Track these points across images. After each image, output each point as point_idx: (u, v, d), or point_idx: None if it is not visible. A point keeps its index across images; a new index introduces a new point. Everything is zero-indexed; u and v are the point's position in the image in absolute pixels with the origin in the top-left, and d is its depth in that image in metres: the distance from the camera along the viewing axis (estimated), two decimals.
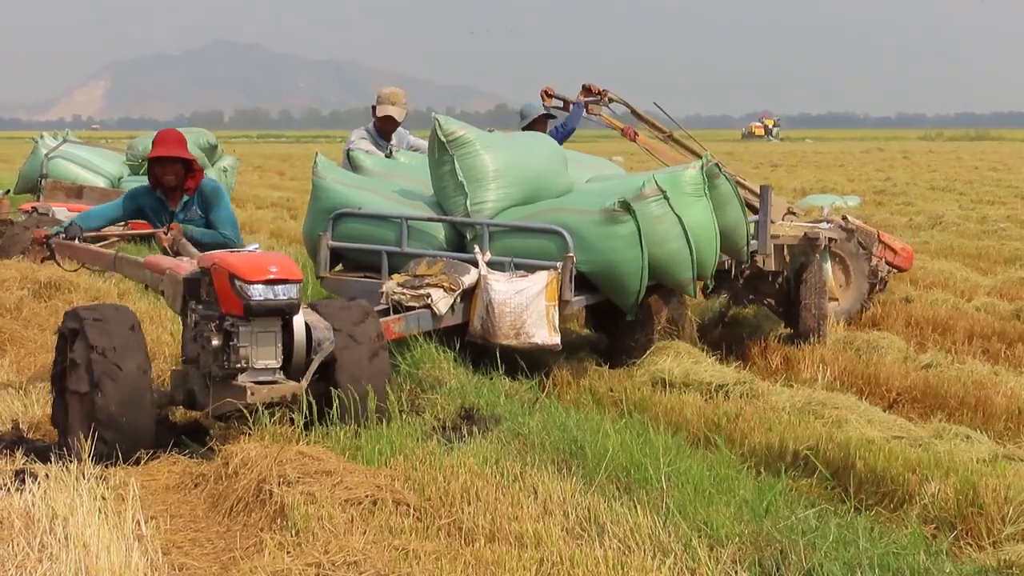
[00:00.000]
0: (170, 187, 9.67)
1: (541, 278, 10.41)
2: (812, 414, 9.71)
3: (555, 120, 14.41)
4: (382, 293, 10.38)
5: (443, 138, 11.09)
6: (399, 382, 9.45)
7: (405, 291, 10.31)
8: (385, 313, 10.05)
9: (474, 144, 11.15)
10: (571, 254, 10.48)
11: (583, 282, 10.68)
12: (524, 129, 13.78)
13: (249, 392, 7.92)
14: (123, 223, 20.08)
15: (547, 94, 14.69)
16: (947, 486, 7.50)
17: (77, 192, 21.31)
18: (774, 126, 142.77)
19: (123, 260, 9.62)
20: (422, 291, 10.28)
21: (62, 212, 18.85)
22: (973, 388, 10.72)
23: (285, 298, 7.96)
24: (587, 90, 14.84)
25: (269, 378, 8.06)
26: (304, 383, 8.07)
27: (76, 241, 9.70)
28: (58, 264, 10.11)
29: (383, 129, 13.03)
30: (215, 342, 8.08)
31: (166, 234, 9.52)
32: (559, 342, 10.54)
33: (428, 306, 10.23)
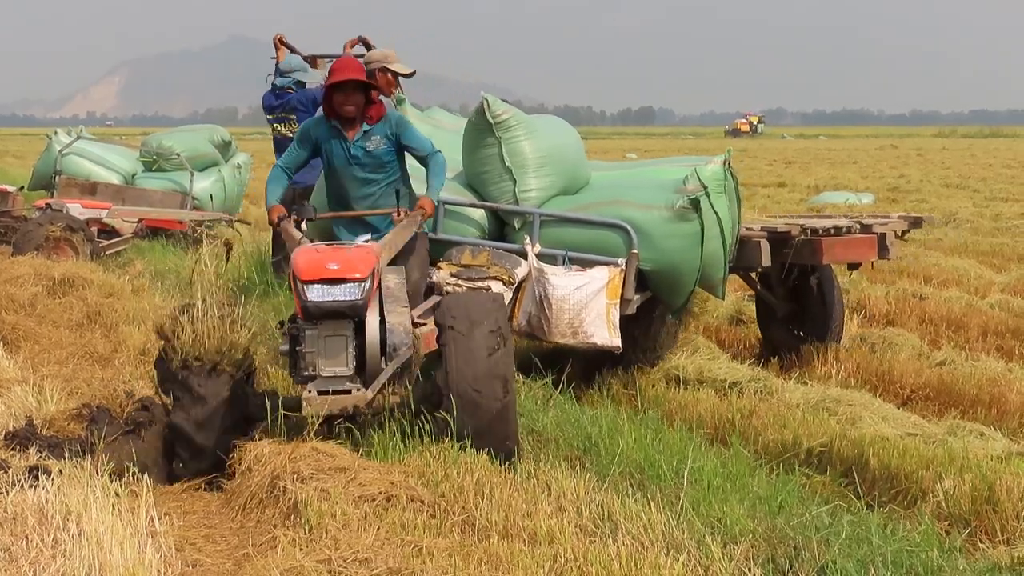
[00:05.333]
0: (349, 117, 9.16)
1: (602, 274, 9.96)
2: (826, 411, 9.69)
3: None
4: (434, 283, 9.80)
5: (491, 120, 10.67)
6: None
7: (460, 282, 9.72)
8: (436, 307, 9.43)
9: (521, 128, 10.77)
10: (636, 251, 10.10)
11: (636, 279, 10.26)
12: (283, 78, 13.71)
13: (304, 403, 7.32)
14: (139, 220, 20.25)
15: (281, 42, 14.48)
16: (961, 483, 7.49)
17: (91, 189, 21.35)
18: (759, 122, 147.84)
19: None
20: (481, 283, 9.71)
21: (76, 208, 18.96)
22: (987, 385, 10.70)
23: (345, 299, 7.38)
24: (363, 43, 14.51)
25: (339, 387, 7.41)
26: (371, 394, 7.38)
27: (303, 224, 8.98)
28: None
29: None
30: (283, 347, 7.62)
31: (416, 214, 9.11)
32: (620, 343, 10.05)
33: None
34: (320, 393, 7.35)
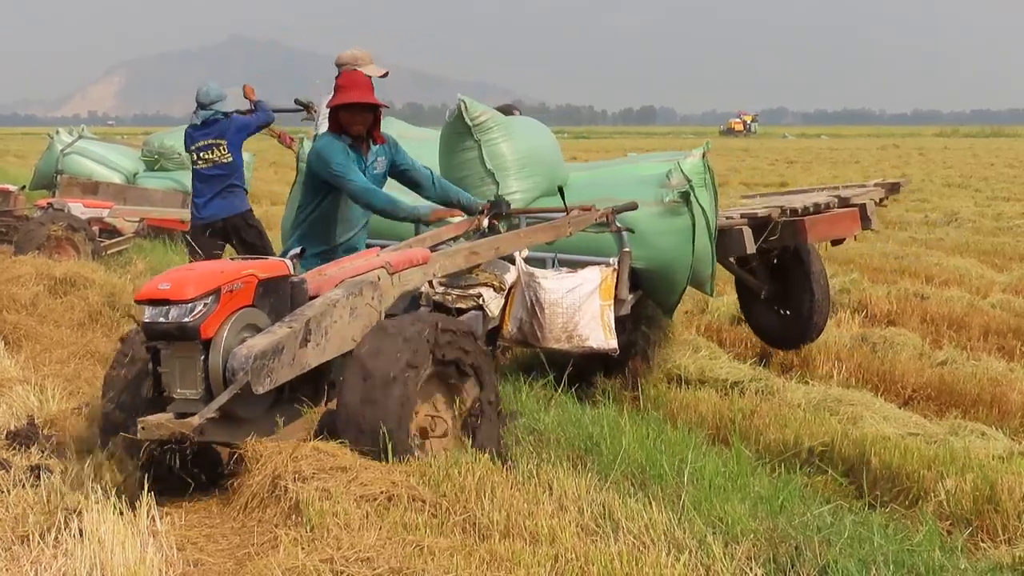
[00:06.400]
0: (357, 136, 8.95)
1: (594, 275, 9.61)
2: (827, 411, 9.69)
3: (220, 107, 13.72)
4: (420, 293, 9.19)
5: (470, 122, 10.37)
6: None
7: (450, 291, 9.11)
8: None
9: (500, 129, 10.48)
10: (628, 249, 9.84)
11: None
12: (205, 110, 13.40)
13: (139, 426, 6.76)
14: (141, 220, 20.25)
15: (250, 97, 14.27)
16: (963, 483, 7.49)
17: (92, 188, 21.38)
18: (752, 121, 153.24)
19: None
20: (472, 291, 9.16)
21: (77, 208, 18.99)
22: (988, 385, 10.70)
23: (172, 321, 6.78)
24: (302, 105, 13.98)
25: (192, 411, 6.79)
26: (196, 421, 6.69)
27: (485, 222, 9.18)
28: None
29: None
30: (151, 364, 7.03)
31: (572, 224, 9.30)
32: (616, 346, 9.70)
33: (480, 307, 9.11)
34: (178, 416, 6.85)
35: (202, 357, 6.86)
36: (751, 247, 11.04)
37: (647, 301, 10.73)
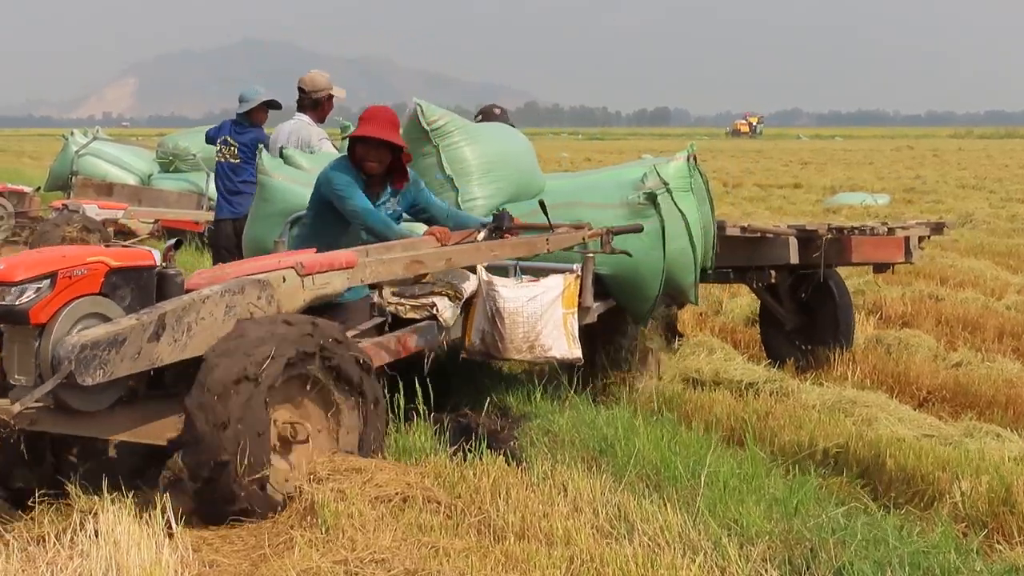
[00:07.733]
0: (370, 175, 8.68)
1: (556, 282, 9.16)
2: (842, 412, 9.67)
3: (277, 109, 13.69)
4: (372, 304, 8.80)
5: (426, 126, 9.97)
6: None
7: (403, 301, 8.81)
8: (380, 327, 8.61)
9: (460, 134, 10.09)
10: (591, 254, 9.45)
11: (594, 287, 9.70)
12: (243, 115, 13.34)
13: None
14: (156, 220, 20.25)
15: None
16: (978, 485, 7.47)
17: (107, 189, 21.46)
18: (758, 123, 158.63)
19: None
20: (425, 300, 8.82)
21: (92, 209, 19.04)
22: (1003, 387, 10.68)
23: (1, 304, 6.57)
24: None
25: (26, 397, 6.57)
26: (17, 408, 6.48)
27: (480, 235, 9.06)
28: None
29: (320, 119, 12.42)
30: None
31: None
32: (580, 355, 9.28)
33: (434, 317, 8.77)
34: (15, 403, 6.65)
35: (37, 343, 6.62)
36: (795, 258, 11.11)
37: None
